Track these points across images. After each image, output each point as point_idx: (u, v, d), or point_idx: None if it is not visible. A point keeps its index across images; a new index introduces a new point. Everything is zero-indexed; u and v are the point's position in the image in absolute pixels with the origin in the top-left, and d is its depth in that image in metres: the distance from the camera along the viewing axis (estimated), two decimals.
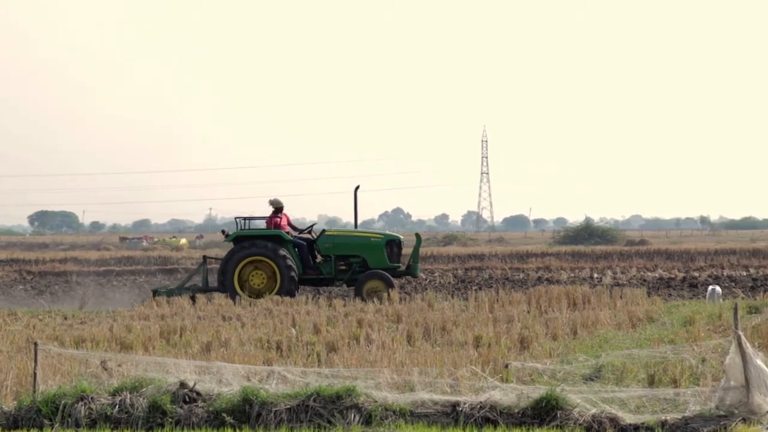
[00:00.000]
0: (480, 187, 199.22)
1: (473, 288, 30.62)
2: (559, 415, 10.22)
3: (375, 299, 24.14)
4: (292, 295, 25.39)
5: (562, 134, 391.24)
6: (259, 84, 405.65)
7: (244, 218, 27.58)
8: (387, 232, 28.82)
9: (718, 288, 24.70)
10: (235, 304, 23.96)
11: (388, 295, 23.99)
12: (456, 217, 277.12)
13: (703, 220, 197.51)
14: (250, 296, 26.00)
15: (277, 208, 27.41)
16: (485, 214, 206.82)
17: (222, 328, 18.00)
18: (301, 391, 10.91)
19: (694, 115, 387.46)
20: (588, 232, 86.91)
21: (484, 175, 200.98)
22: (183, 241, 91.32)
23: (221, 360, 13.27)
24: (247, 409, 10.78)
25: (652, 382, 11.95)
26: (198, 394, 11.08)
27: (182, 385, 11.13)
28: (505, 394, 10.66)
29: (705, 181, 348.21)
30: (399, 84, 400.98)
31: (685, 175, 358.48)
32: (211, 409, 10.87)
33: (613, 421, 10.09)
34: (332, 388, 10.86)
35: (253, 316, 20.76)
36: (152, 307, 23.73)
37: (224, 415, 10.73)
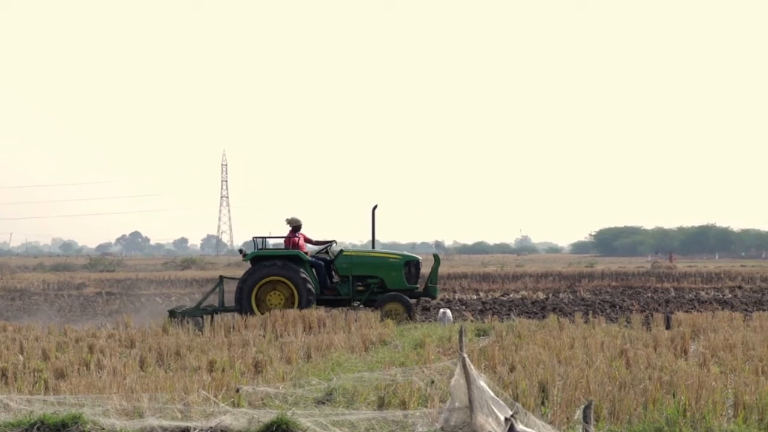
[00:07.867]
0: (220, 211, 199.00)
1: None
2: None
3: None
4: None
5: (301, 158, 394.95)
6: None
7: (262, 238, 26.89)
8: (405, 253, 28.36)
9: (449, 311, 25.40)
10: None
11: (409, 317, 24.08)
12: (195, 240, 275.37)
13: (438, 245, 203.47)
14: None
15: (295, 227, 26.88)
16: (225, 238, 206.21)
17: None
18: (25, 420, 10.57)
19: (430, 142, 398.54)
20: None
21: (224, 198, 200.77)
22: None
23: None
24: None
25: (382, 404, 12.15)
26: None
27: None
28: (236, 419, 10.62)
29: (440, 207, 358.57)
30: (137, 105, 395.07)
31: (420, 201, 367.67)
32: None
33: None
34: (58, 415, 10.56)
35: None
36: None
37: None
